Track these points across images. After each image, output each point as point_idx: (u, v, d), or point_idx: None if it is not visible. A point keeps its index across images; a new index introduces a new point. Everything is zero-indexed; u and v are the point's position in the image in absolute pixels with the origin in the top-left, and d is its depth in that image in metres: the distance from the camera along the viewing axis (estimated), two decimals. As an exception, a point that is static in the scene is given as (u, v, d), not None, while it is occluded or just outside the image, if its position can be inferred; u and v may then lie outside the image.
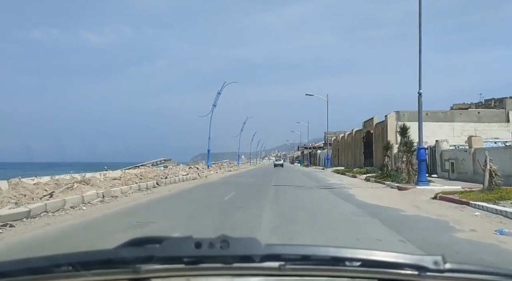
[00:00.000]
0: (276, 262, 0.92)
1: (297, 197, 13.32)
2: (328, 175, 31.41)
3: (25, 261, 0.96)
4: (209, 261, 0.91)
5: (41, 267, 0.93)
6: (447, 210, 9.65)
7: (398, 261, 0.93)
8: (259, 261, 0.91)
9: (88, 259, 0.94)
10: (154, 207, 11.03)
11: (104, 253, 0.95)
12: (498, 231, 6.66)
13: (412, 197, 12.65)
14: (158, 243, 0.93)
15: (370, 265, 0.92)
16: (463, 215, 8.77)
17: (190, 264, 0.92)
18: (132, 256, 0.91)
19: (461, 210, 9.48)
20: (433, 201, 11.47)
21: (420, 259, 0.92)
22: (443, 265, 0.91)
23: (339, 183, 20.69)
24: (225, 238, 0.91)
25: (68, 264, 0.92)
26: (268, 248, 0.93)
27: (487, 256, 5.17)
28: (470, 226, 7.29)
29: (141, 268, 0.91)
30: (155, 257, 0.91)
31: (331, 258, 0.93)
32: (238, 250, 0.91)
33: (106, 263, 0.92)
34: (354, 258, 0.93)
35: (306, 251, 0.95)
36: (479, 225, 7.43)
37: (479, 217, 8.45)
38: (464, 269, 0.94)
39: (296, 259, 0.93)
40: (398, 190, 15.33)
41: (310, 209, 10.13)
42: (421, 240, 6.05)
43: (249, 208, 10.19)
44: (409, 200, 11.68)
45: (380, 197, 12.77)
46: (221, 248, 0.90)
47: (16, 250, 5.89)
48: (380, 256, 0.93)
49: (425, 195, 12.53)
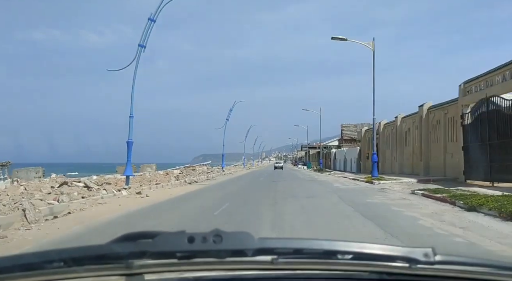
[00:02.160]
0: (269, 256, 0.92)
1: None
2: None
3: (17, 258, 0.95)
4: (202, 256, 0.91)
5: (33, 263, 0.92)
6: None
7: (389, 253, 0.93)
8: (252, 255, 0.91)
9: (80, 255, 0.93)
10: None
11: (96, 249, 0.95)
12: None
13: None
14: (151, 238, 0.93)
15: (362, 258, 0.93)
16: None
17: (183, 258, 0.91)
18: (125, 252, 0.91)
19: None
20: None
21: (411, 251, 0.93)
22: (433, 257, 0.91)
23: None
24: (218, 232, 0.91)
25: (60, 260, 0.91)
26: (261, 242, 0.93)
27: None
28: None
29: (134, 264, 0.91)
30: (148, 252, 0.91)
31: (323, 251, 0.93)
32: (231, 244, 0.91)
33: (98, 258, 0.92)
34: (346, 251, 0.93)
35: (299, 244, 0.95)
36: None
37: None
38: (454, 261, 0.95)
39: (289, 252, 0.93)
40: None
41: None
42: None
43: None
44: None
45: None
46: (214, 243, 0.90)
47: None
48: (372, 249, 0.94)
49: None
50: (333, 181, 25.45)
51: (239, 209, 11.00)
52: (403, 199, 13.36)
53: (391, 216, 9.48)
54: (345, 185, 21.79)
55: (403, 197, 14.02)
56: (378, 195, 14.99)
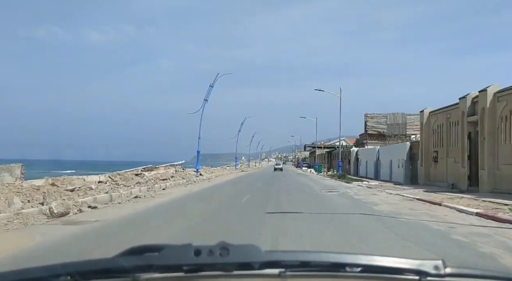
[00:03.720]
0: (276, 269, 0.91)
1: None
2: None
3: (23, 272, 0.95)
4: (209, 269, 0.91)
5: (39, 277, 0.92)
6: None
7: (399, 266, 0.92)
8: (259, 268, 0.90)
9: (86, 269, 0.93)
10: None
11: (103, 262, 0.94)
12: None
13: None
14: (157, 251, 0.92)
15: (371, 271, 0.92)
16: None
17: (189, 272, 0.91)
18: (131, 265, 0.91)
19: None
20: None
21: (421, 263, 0.92)
22: (443, 270, 0.90)
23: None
24: (224, 245, 0.90)
25: (67, 274, 0.91)
26: (268, 255, 0.92)
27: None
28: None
29: (140, 277, 0.90)
30: (154, 266, 0.90)
31: (331, 264, 0.92)
32: (238, 257, 0.90)
33: (105, 272, 0.91)
34: (355, 263, 0.92)
35: (306, 257, 0.94)
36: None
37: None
38: (464, 273, 0.94)
39: (296, 265, 0.92)
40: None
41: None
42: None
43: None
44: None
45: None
46: (221, 256, 0.89)
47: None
48: (381, 262, 0.92)
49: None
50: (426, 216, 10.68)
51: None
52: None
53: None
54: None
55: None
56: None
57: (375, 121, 44.89)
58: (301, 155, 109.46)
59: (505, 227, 8.72)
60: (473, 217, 10.39)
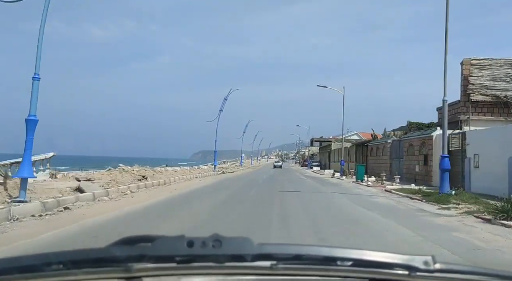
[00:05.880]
0: (268, 262, 0.92)
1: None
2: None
3: (15, 260, 0.95)
4: (201, 260, 0.91)
5: (31, 265, 0.92)
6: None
7: (389, 261, 0.93)
8: (251, 260, 0.91)
9: (79, 258, 0.94)
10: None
11: (95, 252, 0.95)
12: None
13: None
14: (150, 242, 0.93)
15: (362, 265, 0.93)
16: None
17: (182, 263, 0.91)
18: (123, 255, 0.91)
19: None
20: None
21: (411, 259, 0.93)
22: (433, 265, 0.91)
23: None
24: (217, 237, 0.91)
25: (59, 263, 0.91)
26: (260, 247, 0.93)
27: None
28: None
29: (132, 267, 0.90)
30: (146, 256, 0.91)
31: (323, 258, 0.93)
32: (230, 249, 0.91)
33: (97, 261, 0.92)
34: (346, 257, 0.93)
35: (298, 250, 0.94)
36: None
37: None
38: (453, 269, 0.95)
39: (288, 258, 0.93)
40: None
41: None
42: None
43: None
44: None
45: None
46: (214, 247, 0.90)
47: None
48: (371, 256, 0.93)
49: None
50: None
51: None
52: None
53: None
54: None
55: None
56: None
57: (488, 75, 22.18)
58: (309, 151, 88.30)
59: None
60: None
